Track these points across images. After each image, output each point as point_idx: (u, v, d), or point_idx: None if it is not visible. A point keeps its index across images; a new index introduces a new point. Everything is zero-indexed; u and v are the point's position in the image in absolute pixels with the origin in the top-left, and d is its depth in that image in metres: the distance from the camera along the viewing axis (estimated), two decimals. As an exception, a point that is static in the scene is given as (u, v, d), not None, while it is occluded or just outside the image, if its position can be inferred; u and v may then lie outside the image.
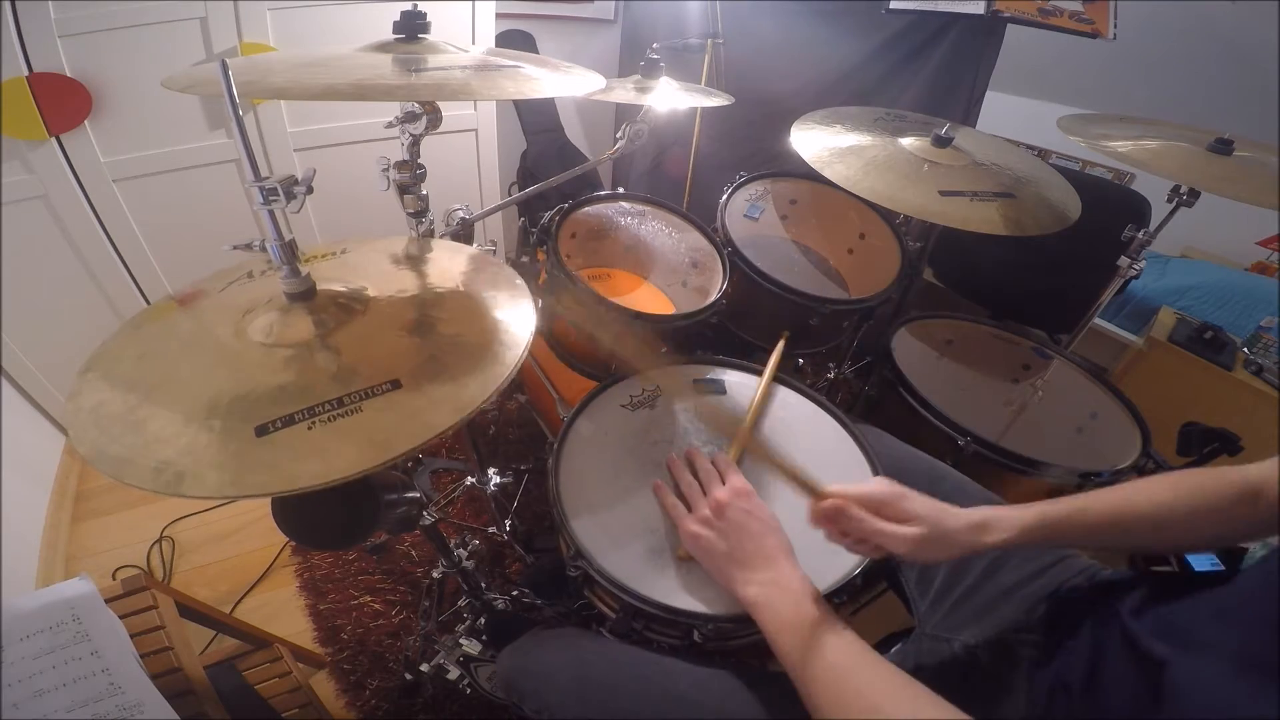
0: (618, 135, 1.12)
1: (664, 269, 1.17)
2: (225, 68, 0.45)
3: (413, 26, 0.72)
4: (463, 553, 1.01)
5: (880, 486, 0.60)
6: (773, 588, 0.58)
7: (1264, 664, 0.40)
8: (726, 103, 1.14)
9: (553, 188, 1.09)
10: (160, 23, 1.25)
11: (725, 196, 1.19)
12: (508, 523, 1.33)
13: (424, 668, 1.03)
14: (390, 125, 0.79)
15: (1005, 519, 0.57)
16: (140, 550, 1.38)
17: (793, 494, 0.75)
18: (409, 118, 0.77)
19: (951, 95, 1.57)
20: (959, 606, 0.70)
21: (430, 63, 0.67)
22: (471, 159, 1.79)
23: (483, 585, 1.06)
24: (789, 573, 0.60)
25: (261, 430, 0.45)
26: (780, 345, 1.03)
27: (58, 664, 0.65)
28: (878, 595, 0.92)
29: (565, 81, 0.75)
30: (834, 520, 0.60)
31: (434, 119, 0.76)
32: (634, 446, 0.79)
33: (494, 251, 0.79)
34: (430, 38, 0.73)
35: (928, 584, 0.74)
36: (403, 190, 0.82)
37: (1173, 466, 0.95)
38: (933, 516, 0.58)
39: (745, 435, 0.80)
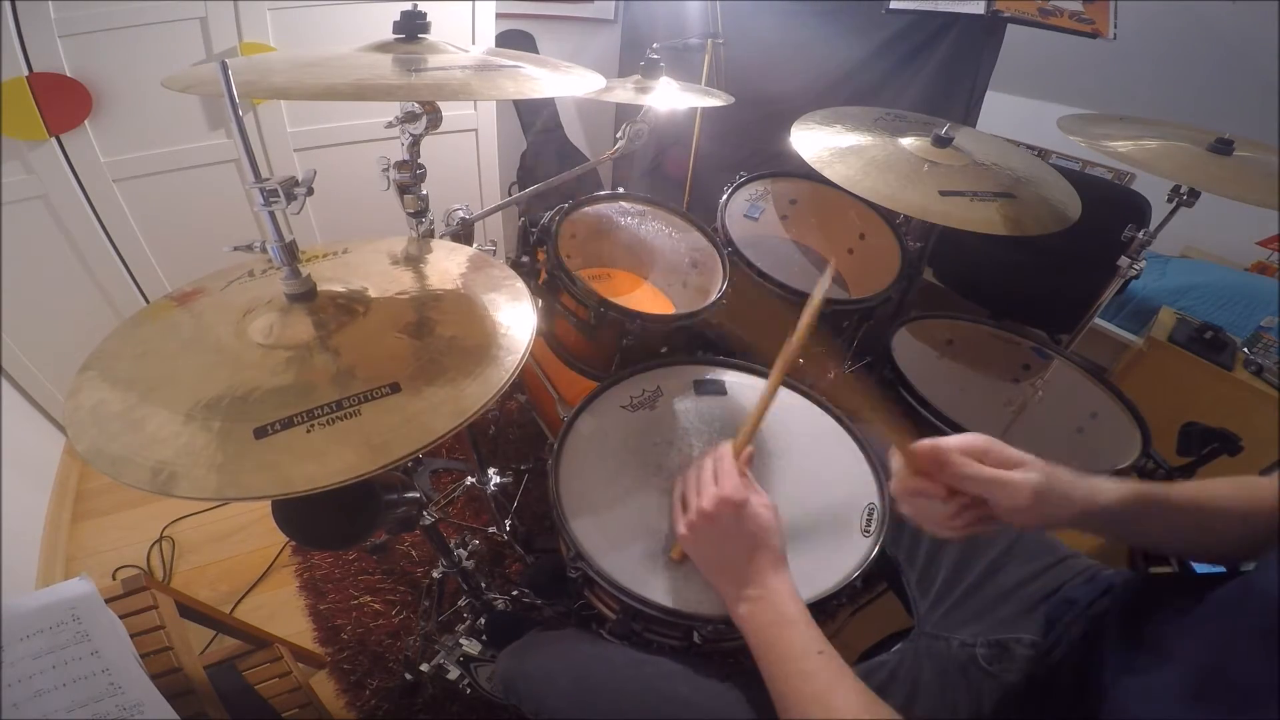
0: (618, 135, 1.12)
1: (664, 269, 1.17)
2: (225, 68, 0.45)
3: (413, 26, 0.72)
4: (463, 553, 1.01)
5: (972, 437, 0.52)
6: (758, 604, 0.57)
7: (1215, 686, 0.40)
8: (726, 103, 1.14)
9: (553, 188, 1.09)
10: (160, 23, 1.25)
11: (725, 196, 1.19)
12: (508, 523, 1.33)
13: (424, 668, 1.03)
14: (390, 125, 0.79)
15: (1110, 483, 0.51)
16: (140, 550, 1.38)
17: (797, 493, 0.74)
18: (409, 118, 0.77)
19: (951, 95, 1.57)
20: (959, 606, 0.70)
21: (430, 63, 0.67)
22: (471, 159, 1.79)
23: (483, 585, 1.06)
24: (776, 589, 0.58)
25: (260, 432, 0.45)
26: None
27: (58, 664, 0.65)
28: (878, 595, 0.92)
29: (565, 81, 0.75)
30: (938, 469, 0.51)
31: (434, 119, 0.76)
32: (635, 447, 0.79)
33: (494, 252, 0.79)
34: (430, 38, 0.73)
35: (929, 584, 0.73)
36: (403, 190, 0.83)
37: (1173, 466, 0.95)
38: (1043, 465, 0.50)
39: (747, 435, 0.79)
